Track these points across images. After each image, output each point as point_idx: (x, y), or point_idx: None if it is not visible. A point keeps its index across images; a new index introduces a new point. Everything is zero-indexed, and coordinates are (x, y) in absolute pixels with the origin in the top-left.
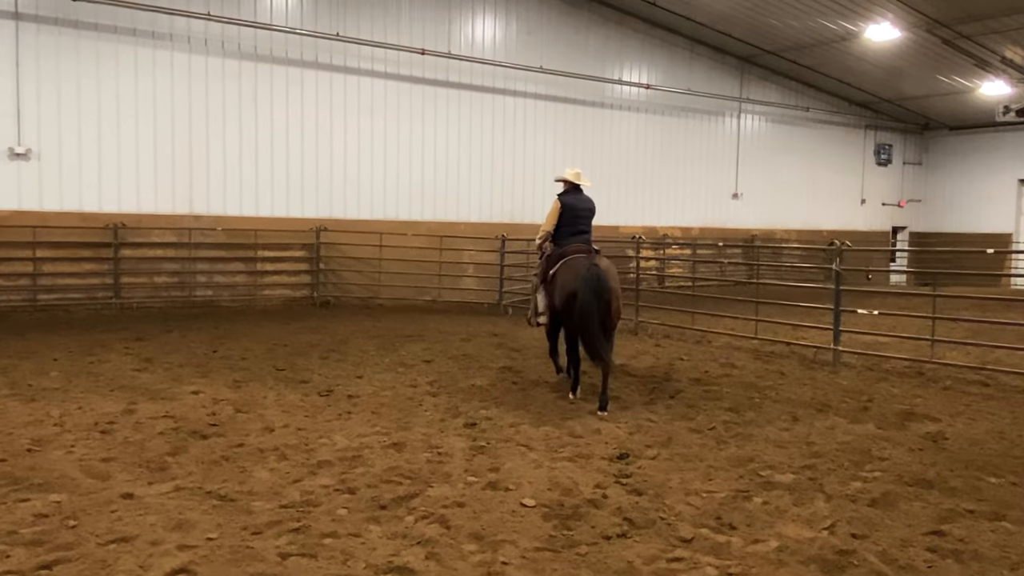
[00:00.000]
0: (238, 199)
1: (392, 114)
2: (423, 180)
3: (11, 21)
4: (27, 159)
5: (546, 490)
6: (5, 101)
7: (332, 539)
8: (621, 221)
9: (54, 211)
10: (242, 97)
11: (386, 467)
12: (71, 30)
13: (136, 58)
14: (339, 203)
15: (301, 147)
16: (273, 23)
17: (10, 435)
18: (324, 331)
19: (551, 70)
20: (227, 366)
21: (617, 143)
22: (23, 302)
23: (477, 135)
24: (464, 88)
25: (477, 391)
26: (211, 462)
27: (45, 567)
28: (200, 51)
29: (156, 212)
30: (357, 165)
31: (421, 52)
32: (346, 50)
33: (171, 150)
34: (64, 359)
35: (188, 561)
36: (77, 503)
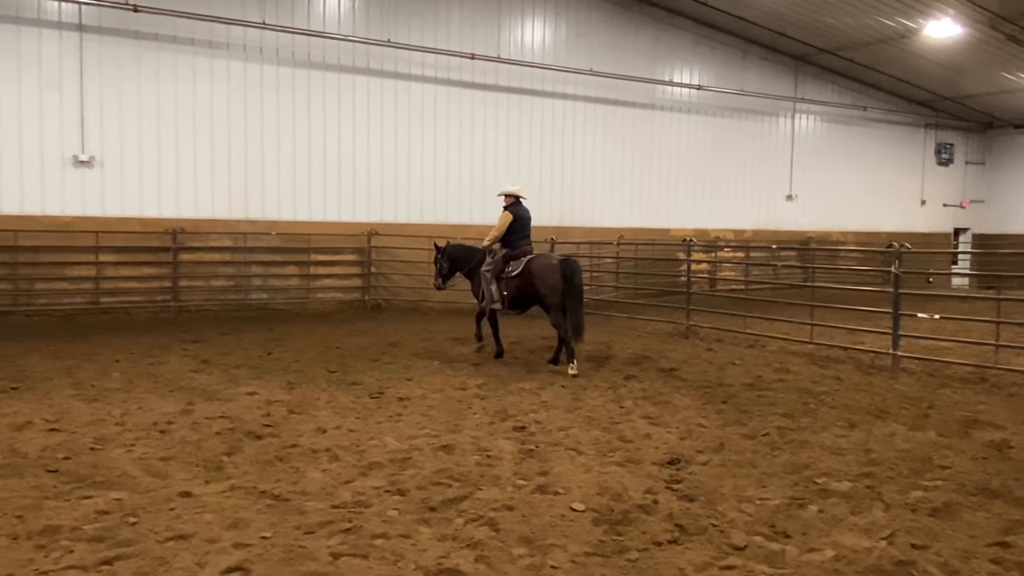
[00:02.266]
0: (291, 204)
1: (442, 118)
2: (472, 184)
3: (75, 33)
4: (90, 166)
5: (596, 495)
6: (70, 110)
7: (383, 540)
8: (671, 224)
9: (116, 217)
10: (295, 104)
11: (436, 469)
12: (132, 41)
13: (194, 67)
14: (389, 207)
15: (353, 152)
16: (326, 31)
17: (74, 434)
18: (375, 334)
19: (601, 72)
20: (281, 368)
21: (667, 145)
22: (87, 305)
23: (526, 139)
24: (513, 92)
25: (526, 394)
26: (265, 462)
27: (106, 563)
28: (255, 59)
29: (213, 217)
30: (407, 169)
31: (470, 56)
32: (396, 56)
33: (227, 157)
34: (125, 360)
35: (243, 559)
36: (137, 501)
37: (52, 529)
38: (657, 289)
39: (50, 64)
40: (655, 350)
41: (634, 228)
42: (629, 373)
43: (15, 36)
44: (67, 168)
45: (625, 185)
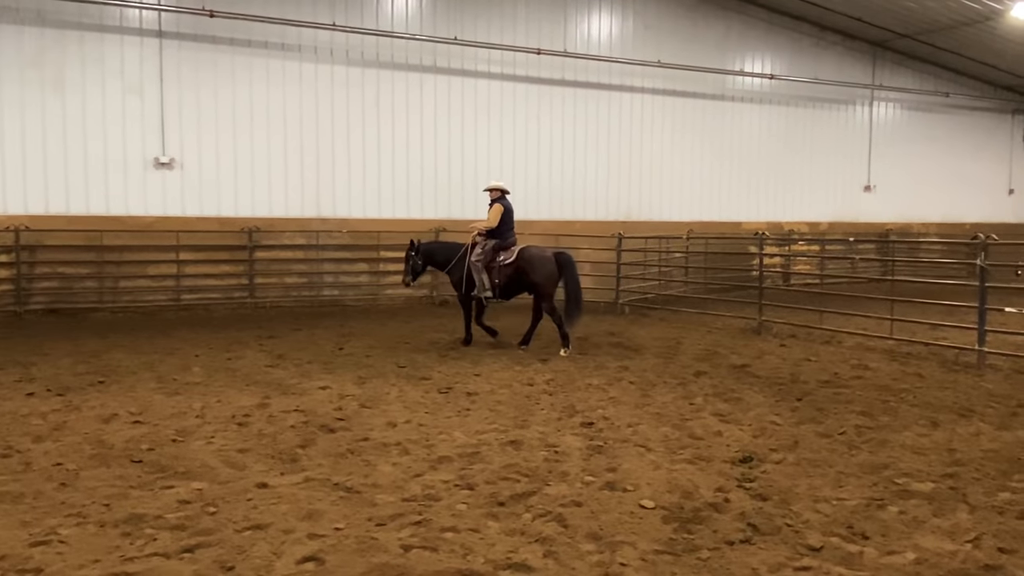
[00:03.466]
0: (361, 202)
1: (508, 114)
2: (539, 179)
3: (155, 39)
4: (170, 168)
5: (665, 492)
6: (151, 114)
7: (452, 533)
8: (743, 217)
9: (195, 216)
10: (365, 103)
11: (504, 464)
12: (209, 45)
13: (268, 69)
14: (457, 204)
15: (420, 150)
16: (394, 30)
17: (156, 426)
18: (443, 329)
19: (670, 64)
20: (352, 363)
21: (739, 136)
22: (168, 301)
23: (593, 132)
24: (580, 86)
25: (594, 390)
26: (338, 455)
27: (188, 551)
28: (326, 60)
29: (287, 216)
30: (474, 166)
31: (537, 52)
32: (463, 53)
33: (300, 156)
34: (205, 355)
35: (317, 550)
36: (216, 491)
37: (137, 517)
38: (728, 284)
39: (132, 70)
40: (726, 346)
41: (704, 222)
42: (699, 369)
43: (99, 44)
44: (149, 170)
45: (695, 178)
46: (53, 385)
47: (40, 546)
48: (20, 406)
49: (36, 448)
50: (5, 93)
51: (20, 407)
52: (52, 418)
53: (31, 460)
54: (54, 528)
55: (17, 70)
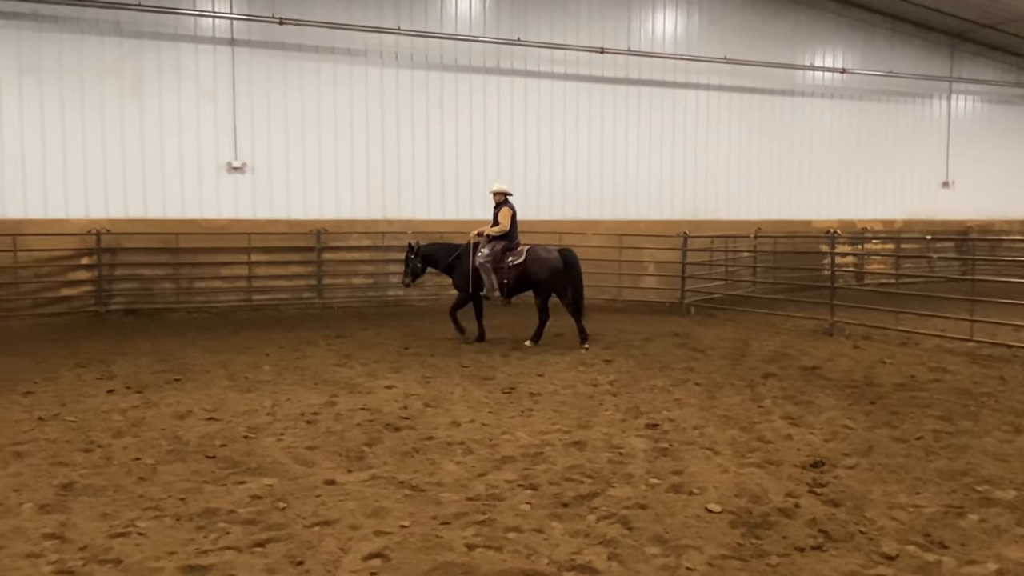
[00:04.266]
0: (426, 203)
1: (571, 114)
2: (602, 179)
3: (228, 47)
4: (242, 172)
5: (732, 496)
6: (224, 120)
7: (516, 533)
8: (813, 215)
9: (265, 219)
10: (429, 105)
11: (568, 465)
12: (279, 52)
13: (335, 74)
14: (519, 204)
15: (484, 151)
16: (457, 33)
17: (230, 423)
18: (506, 330)
19: (736, 60)
20: (417, 362)
21: (809, 132)
22: (240, 302)
23: (657, 131)
24: (644, 84)
25: (659, 392)
26: (403, 453)
27: (259, 545)
28: (391, 64)
29: (353, 218)
30: (537, 166)
31: (600, 51)
32: (526, 54)
33: (366, 159)
34: (275, 354)
35: (383, 546)
36: (286, 487)
37: (210, 512)
38: (798, 284)
39: (206, 77)
40: (796, 347)
41: (772, 220)
42: (767, 371)
43: (175, 52)
44: (222, 174)
45: (763, 176)
46: (132, 382)
47: (120, 537)
48: (101, 403)
49: (116, 443)
50: (87, 101)
51: (101, 404)
52: (131, 414)
53: (112, 455)
54: (133, 520)
55: (98, 79)
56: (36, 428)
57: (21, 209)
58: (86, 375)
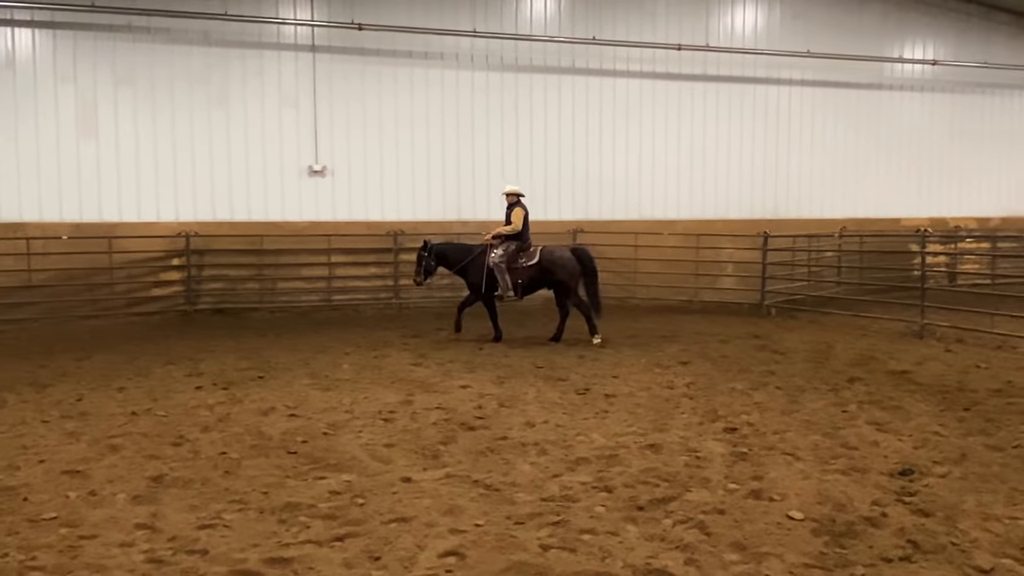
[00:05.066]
0: (500, 204)
1: (647, 113)
2: (679, 178)
3: (309, 53)
4: (322, 175)
5: (815, 503)
6: (305, 125)
7: (590, 535)
8: (902, 213)
9: (344, 221)
10: (504, 106)
11: (643, 468)
12: (358, 57)
13: (412, 78)
14: (595, 204)
15: (559, 151)
16: (532, 33)
17: (310, 420)
18: (580, 331)
19: (819, 54)
20: (491, 363)
21: (897, 127)
22: (320, 302)
23: (736, 128)
24: (722, 80)
25: (737, 395)
26: (478, 452)
27: (338, 539)
28: (467, 66)
29: (429, 219)
30: (612, 166)
31: (677, 48)
32: (601, 53)
33: (441, 161)
34: (354, 353)
35: (458, 544)
36: (364, 483)
37: (292, 506)
38: (885, 284)
39: (288, 83)
40: (883, 350)
41: (858, 218)
42: (853, 375)
43: (258, 59)
44: (303, 178)
45: (848, 172)
46: (219, 379)
47: (206, 529)
48: (190, 398)
49: (203, 438)
50: (177, 109)
51: (190, 399)
52: (218, 410)
53: (199, 449)
54: (219, 513)
55: (187, 87)
56: (129, 422)
57: (116, 212)
58: (176, 372)
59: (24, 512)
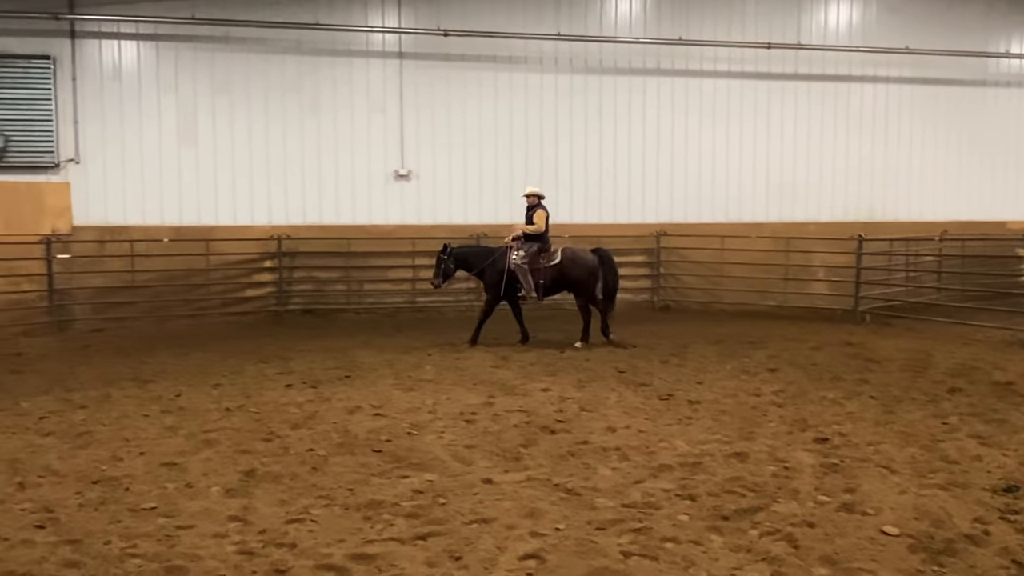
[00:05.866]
0: (583, 207)
1: (735, 113)
2: (768, 180)
3: (396, 60)
4: (408, 180)
5: (912, 519)
6: (392, 130)
7: (673, 544)
8: (1008, 215)
9: (428, 224)
10: (587, 109)
11: (728, 477)
12: (442, 62)
13: (496, 82)
14: (679, 207)
15: (643, 154)
16: (617, 35)
17: (394, 419)
18: (664, 335)
19: (919, 50)
20: (573, 366)
21: (1002, 125)
22: (404, 303)
23: (829, 128)
24: (814, 79)
25: (829, 404)
26: (558, 456)
27: (420, 538)
28: (550, 70)
29: (511, 222)
30: (698, 168)
31: (767, 46)
32: (688, 53)
33: (524, 165)
34: (436, 354)
35: (539, 548)
36: (446, 484)
37: (376, 503)
38: (989, 291)
39: (376, 89)
40: (987, 360)
41: (960, 222)
42: (954, 385)
43: (348, 67)
44: (389, 182)
45: (949, 173)
46: (307, 378)
47: (295, 523)
48: (280, 396)
49: (293, 434)
50: (271, 116)
51: (280, 397)
52: (306, 408)
53: (288, 445)
54: (307, 508)
55: (280, 95)
56: (223, 418)
57: (213, 216)
58: (267, 370)
59: (126, 502)
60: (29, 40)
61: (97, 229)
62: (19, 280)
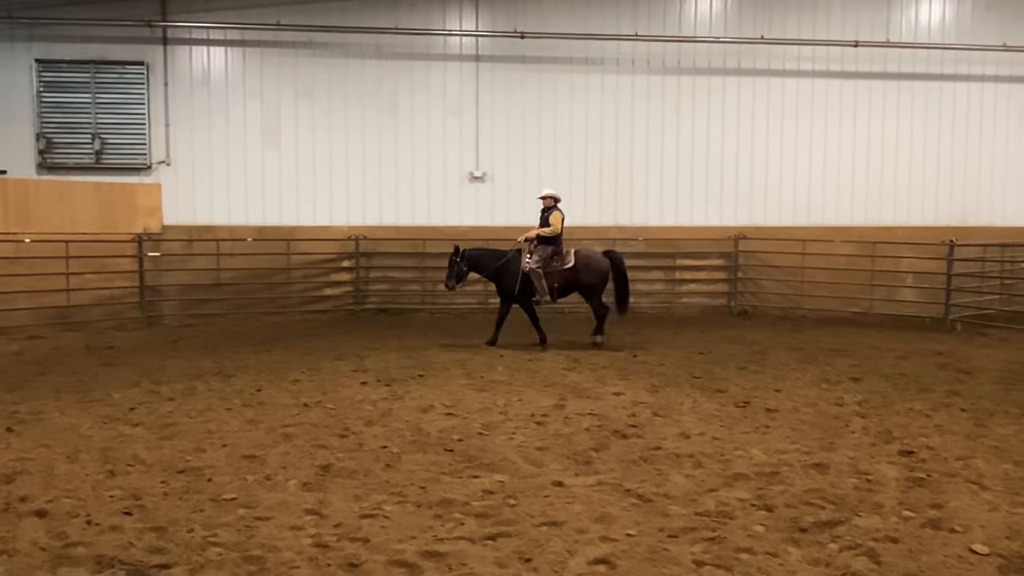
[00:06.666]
0: (659, 210)
1: (818, 113)
2: (853, 182)
3: (472, 63)
4: (482, 181)
5: (1003, 538)
6: (467, 132)
7: (748, 555)
8: None
9: (502, 226)
10: (665, 110)
11: (807, 488)
12: (519, 65)
13: (571, 84)
14: (759, 210)
15: (721, 155)
16: (697, 35)
17: (466, 419)
18: (741, 341)
19: (1017, 47)
20: (646, 370)
21: None
22: (477, 305)
23: (919, 128)
24: (904, 78)
25: (916, 416)
26: (630, 461)
27: (490, 538)
28: (627, 71)
29: (585, 224)
30: (779, 170)
31: (854, 44)
32: (770, 52)
33: (599, 166)
34: (508, 356)
35: (609, 553)
36: (516, 485)
37: (447, 502)
38: None
39: (452, 92)
40: None
41: None
42: None
43: (426, 71)
44: (464, 184)
45: None
46: (382, 376)
47: (368, 519)
48: (355, 393)
49: (367, 431)
50: (350, 120)
51: (355, 394)
52: (380, 405)
53: (363, 441)
54: (380, 504)
55: (359, 99)
56: (301, 413)
57: (294, 217)
58: (343, 367)
59: (208, 492)
60: (124, 47)
61: (185, 228)
62: (113, 277)
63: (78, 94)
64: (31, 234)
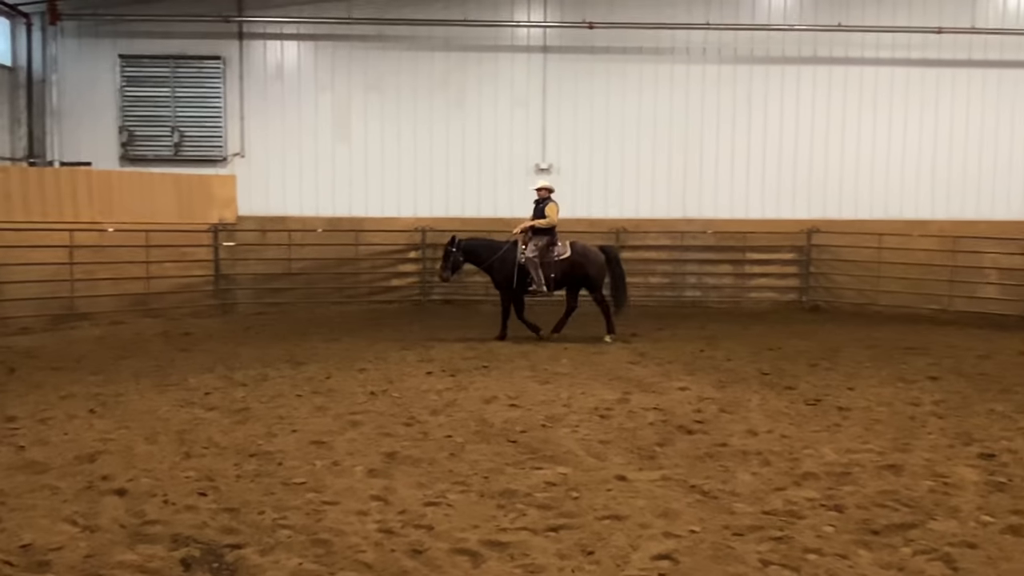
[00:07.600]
0: (728, 202)
1: (898, 103)
2: (933, 174)
3: (540, 55)
4: (549, 173)
5: None
6: (534, 123)
7: (816, 556)
8: None
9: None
10: (736, 100)
11: (879, 489)
12: (587, 55)
13: (641, 74)
14: (833, 203)
15: (795, 146)
16: (771, 23)
17: (529, 411)
18: (813, 337)
19: None
20: (712, 366)
21: None
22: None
23: (1006, 118)
24: (990, 66)
25: (998, 417)
26: (695, 457)
27: (552, 530)
28: (697, 60)
29: (652, 217)
30: (855, 161)
31: (937, 31)
32: (847, 40)
33: (668, 158)
34: (572, 349)
35: (672, 549)
36: (579, 478)
37: (510, 492)
38: None
39: (520, 84)
40: None
41: None
42: None
43: (494, 63)
44: (530, 175)
45: None
46: (447, 367)
47: (432, 506)
48: (421, 382)
49: (432, 420)
50: (419, 112)
51: (421, 383)
52: (445, 395)
53: (428, 430)
54: (443, 492)
55: (428, 91)
56: (368, 401)
57: (363, 208)
58: (409, 357)
59: (279, 476)
60: (202, 42)
61: (259, 219)
62: (190, 265)
63: (158, 88)
64: (114, 224)
